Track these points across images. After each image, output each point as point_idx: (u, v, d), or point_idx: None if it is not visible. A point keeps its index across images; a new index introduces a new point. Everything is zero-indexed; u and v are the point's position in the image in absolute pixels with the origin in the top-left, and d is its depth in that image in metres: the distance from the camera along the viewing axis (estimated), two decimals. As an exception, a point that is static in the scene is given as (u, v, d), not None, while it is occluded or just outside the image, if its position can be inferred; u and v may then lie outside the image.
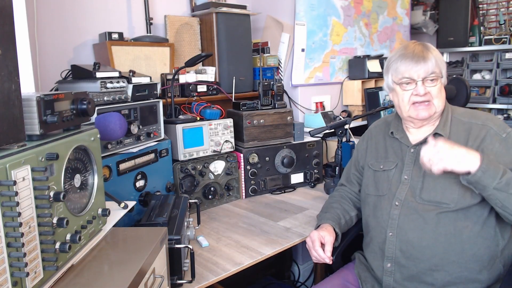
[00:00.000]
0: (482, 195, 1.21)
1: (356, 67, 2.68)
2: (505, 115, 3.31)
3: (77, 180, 0.94)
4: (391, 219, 1.36)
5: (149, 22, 2.04)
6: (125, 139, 1.48)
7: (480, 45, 3.41)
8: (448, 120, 1.38)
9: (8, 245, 0.68)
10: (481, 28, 3.45)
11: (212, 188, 1.87)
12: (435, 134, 1.36)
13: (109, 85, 1.44)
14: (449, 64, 3.65)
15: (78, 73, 1.51)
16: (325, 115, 2.37)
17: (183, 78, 2.02)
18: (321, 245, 1.38)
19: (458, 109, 1.43)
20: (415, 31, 3.50)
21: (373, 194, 1.46)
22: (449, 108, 1.42)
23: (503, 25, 3.40)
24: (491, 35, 3.35)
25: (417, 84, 1.33)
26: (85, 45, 1.93)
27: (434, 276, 1.28)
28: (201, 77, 2.08)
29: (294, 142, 2.11)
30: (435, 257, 1.28)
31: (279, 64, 2.48)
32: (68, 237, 0.86)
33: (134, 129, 1.50)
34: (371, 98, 2.60)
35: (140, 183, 1.55)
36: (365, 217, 1.50)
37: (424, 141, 1.38)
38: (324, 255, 1.36)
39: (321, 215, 1.54)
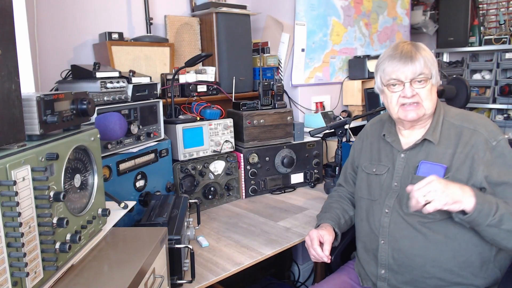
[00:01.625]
0: (474, 228, 1.20)
1: (356, 67, 2.68)
2: (505, 115, 3.31)
3: (77, 180, 0.94)
4: (382, 227, 1.34)
5: (149, 22, 2.04)
6: (125, 139, 1.48)
7: (480, 45, 3.42)
8: (439, 124, 1.32)
9: (8, 245, 0.68)
10: (481, 28, 3.45)
11: (212, 188, 1.87)
12: (424, 140, 1.32)
13: (109, 85, 1.44)
14: (449, 64, 3.65)
15: (78, 73, 1.51)
16: (325, 115, 2.37)
17: (183, 78, 2.02)
18: (320, 244, 1.37)
19: (452, 111, 1.37)
20: (415, 31, 3.51)
21: (366, 197, 1.44)
22: (441, 110, 1.36)
23: (503, 25, 3.40)
24: (491, 35, 3.35)
25: (405, 85, 1.28)
26: (85, 45, 1.93)
27: (427, 282, 1.27)
28: (201, 77, 2.08)
29: (294, 142, 2.11)
30: (426, 265, 1.26)
31: (279, 64, 2.48)
32: (68, 237, 0.86)
33: (134, 129, 1.49)
34: (371, 98, 2.60)
35: (140, 183, 1.55)
36: (358, 220, 1.48)
37: (413, 147, 1.34)
38: (322, 254, 1.34)
39: (321, 215, 1.53)
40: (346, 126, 1.99)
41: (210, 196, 1.86)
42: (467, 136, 1.27)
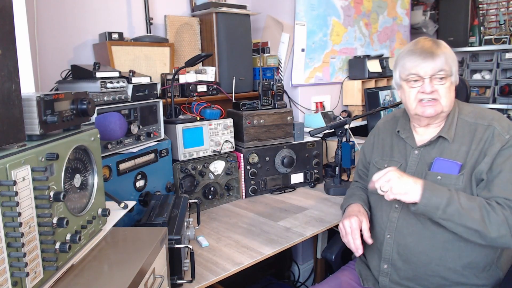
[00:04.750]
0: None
1: (356, 67, 2.68)
2: (505, 115, 3.30)
3: (77, 180, 0.94)
4: (390, 222, 1.35)
5: (149, 22, 2.04)
6: (125, 139, 1.48)
7: (480, 45, 3.42)
8: (454, 122, 1.33)
9: (8, 245, 0.68)
10: (481, 28, 3.45)
11: (212, 188, 1.86)
12: (440, 137, 1.33)
13: (109, 85, 1.44)
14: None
15: (78, 73, 1.51)
16: (325, 115, 2.37)
17: (183, 78, 2.02)
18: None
19: (466, 108, 1.38)
20: (415, 31, 3.50)
21: (375, 192, 1.45)
22: (456, 108, 1.36)
23: (503, 25, 3.40)
24: (491, 35, 3.35)
25: (424, 81, 1.28)
26: (85, 45, 1.93)
27: (430, 280, 1.28)
28: (201, 77, 2.08)
29: (294, 142, 2.11)
30: (431, 263, 1.27)
31: (279, 64, 2.48)
32: (68, 237, 0.86)
33: (134, 129, 1.49)
34: (371, 98, 2.60)
35: (140, 183, 1.55)
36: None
37: (428, 144, 1.36)
38: (360, 245, 1.33)
39: (347, 200, 1.54)
40: (346, 126, 1.99)
41: (210, 196, 1.86)
42: (481, 132, 1.28)
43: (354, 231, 1.33)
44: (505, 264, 1.30)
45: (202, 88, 2.06)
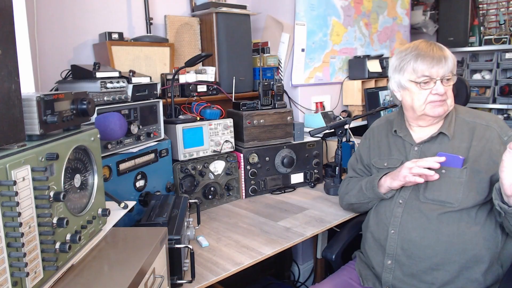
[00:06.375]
0: (504, 219, 1.21)
1: (356, 67, 2.68)
2: (505, 115, 3.31)
3: (77, 180, 0.94)
4: (394, 217, 1.36)
5: (149, 22, 2.04)
6: (125, 139, 1.47)
7: (480, 45, 3.41)
8: (453, 120, 1.39)
9: (8, 245, 0.68)
10: (481, 28, 3.45)
11: (212, 188, 1.86)
12: (440, 134, 1.37)
13: (109, 85, 1.44)
14: (449, 64, 3.65)
15: (78, 73, 1.51)
16: (325, 115, 2.37)
17: (183, 78, 2.02)
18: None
19: (462, 108, 1.45)
20: (415, 31, 3.50)
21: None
22: (453, 108, 1.42)
23: (503, 25, 3.40)
24: (491, 35, 3.35)
25: (436, 83, 1.33)
26: (85, 45, 1.93)
27: (434, 275, 1.28)
28: (201, 77, 2.08)
29: (294, 142, 2.11)
30: (436, 257, 1.28)
31: (279, 64, 2.48)
32: (68, 237, 0.86)
33: (134, 129, 1.49)
34: (371, 98, 2.60)
35: (140, 183, 1.55)
36: (367, 213, 1.52)
37: (428, 140, 1.39)
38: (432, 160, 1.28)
39: (368, 179, 1.51)
40: (346, 126, 1.99)
41: (210, 196, 1.86)
42: (481, 131, 1.34)
43: (415, 162, 1.30)
44: (505, 262, 1.31)
45: (202, 88, 2.06)
